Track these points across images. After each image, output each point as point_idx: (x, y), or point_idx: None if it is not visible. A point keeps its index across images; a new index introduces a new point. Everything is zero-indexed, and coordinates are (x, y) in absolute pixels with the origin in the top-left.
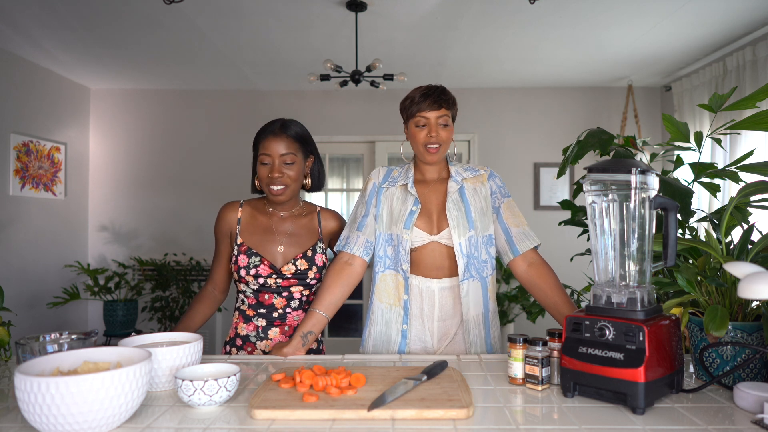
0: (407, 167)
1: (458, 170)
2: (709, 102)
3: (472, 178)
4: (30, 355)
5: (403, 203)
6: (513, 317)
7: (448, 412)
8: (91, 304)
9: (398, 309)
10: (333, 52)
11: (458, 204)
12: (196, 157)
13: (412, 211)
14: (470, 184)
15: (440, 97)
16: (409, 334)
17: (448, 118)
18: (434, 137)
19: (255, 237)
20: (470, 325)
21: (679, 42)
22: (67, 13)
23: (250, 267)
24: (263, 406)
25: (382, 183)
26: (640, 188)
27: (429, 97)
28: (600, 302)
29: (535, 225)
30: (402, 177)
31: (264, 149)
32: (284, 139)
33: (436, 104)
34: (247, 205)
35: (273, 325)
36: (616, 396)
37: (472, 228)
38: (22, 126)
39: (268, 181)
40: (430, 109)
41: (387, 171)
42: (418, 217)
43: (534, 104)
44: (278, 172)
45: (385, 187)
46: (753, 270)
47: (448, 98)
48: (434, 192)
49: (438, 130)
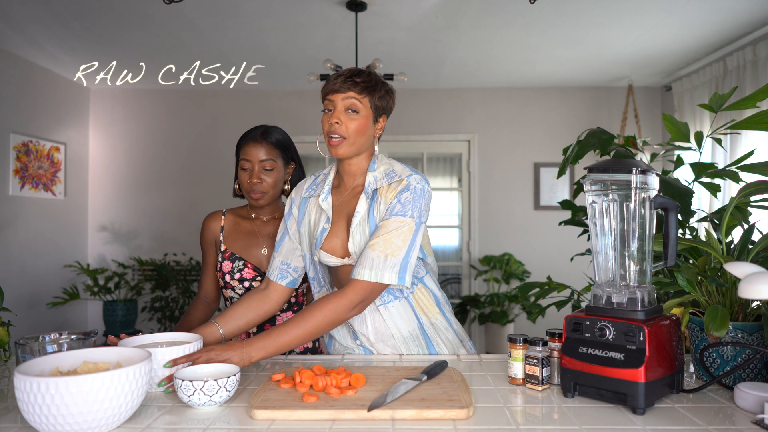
0: (329, 169)
1: (376, 177)
2: (709, 102)
3: (386, 188)
4: (29, 355)
5: (318, 218)
6: (513, 317)
7: (448, 412)
8: (90, 304)
9: (347, 325)
10: (333, 52)
11: (363, 225)
12: (196, 156)
13: (323, 229)
14: (383, 196)
15: (352, 78)
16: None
17: (360, 105)
18: (335, 125)
19: (239, 242)
20: (409, 342)
21: (679, 42)
22: (66, 13)
23: (234, 271)
24: (263, 406)
25: (304, 194)
26: (641, 188)
27: (339, 77)
28: (600, 302)
29: (535, 225)
30: (320, 184)
31: (244, 155)
32: (264, 145)
33: (345, 85)
34: (230, 214)
35: (264, 329)
36: (617, 396)
37: None
38: (21, 126)
39: (247, 186)
40: (336, 91)
41: (312, 180)
42: (329, 237)
43: (534, 104)
44: (257, 177)
45: (307, 198)
46: (753, 270)
47: (362, 80)
48: (347, 205)
49: (341, 117)
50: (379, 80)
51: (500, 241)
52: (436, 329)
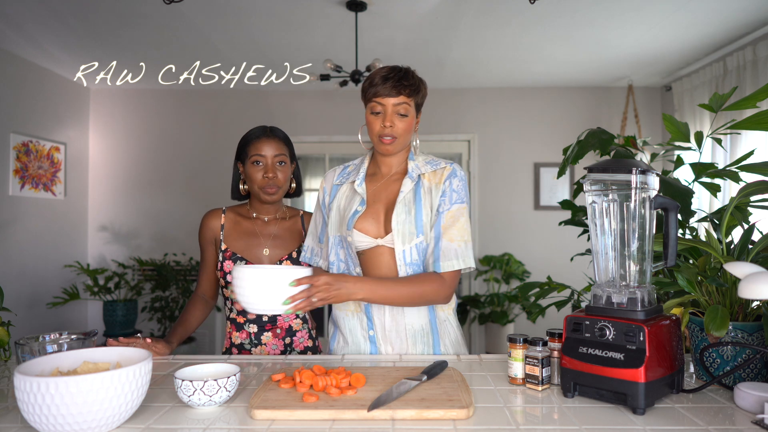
0: (361, 159)
1: (417, 164)
2: (709, 102)
3: (431, 174)
4: (30, 355)
5: (350, 202)
6: (513, 317)
7: (448, 412)
8: (90, 304)
9: (360, 314)
10: (333, 52)
11: (409, 206)
12: (196, 156)
13: (356, 211)
14: (428, 181)
15: (401, 81)
16: (378, 340)
17: (408, 107)
18: (389, 128)
19: (240, 242)
20: (417, 338)
21: (679, 42)
22: (66, 13)
23: None
24: (263, 406)
25: (335, 182)
26: (641, 188)
27: (388, 81)
28: (600, 302)
29: (535, 225)
30: (354, 172)
31: (257, 150)
32: (276, 140)
33: (395, 90)
34: (230, 212)
35: (265, 329)
36: (617, 396)
37: (420, 233)
38: (21, 126)
39: (262, 182)
40: (387, 95)
41: (342, 168)
42: (363, 218)
43: (534, 104)
44: (272, 172)
45: (338, 185)
46: (753, 270)
47: (411, 83)
48: (386, 190)
49: (394, 120)
50: (420, 79)
51: (500, 241)
52: (444, 327)
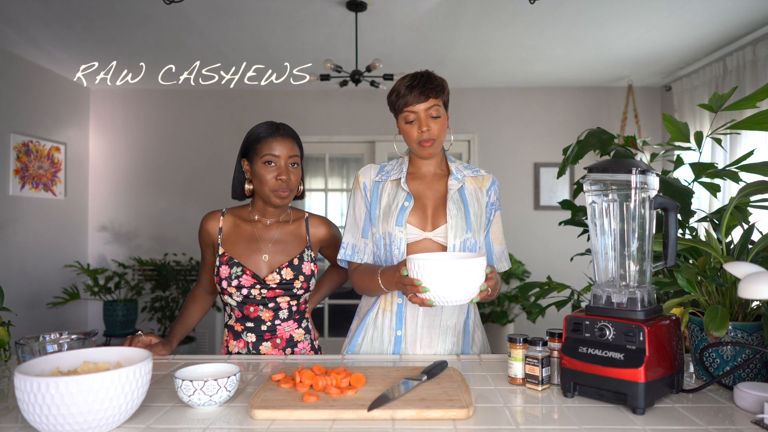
0: (401, 161)
1: (459, 167)
2: (709, 102)
3: (472, 179)
4: (30, 355)
5: (395, 199)
6: (513, 317)
7: (448, 412)
8: (90, 304)
9: (389, 314)
10: (333, 52)
11: (458, 203)
12: (196, 156)
13: (404, 206)
14: (470, 185)
15: (426, 86)
16: (404, 340)
17: (439, 108)
18: (426, 132)
19: (238, 246)
20: (448, 336)
21: (679, 42)
22: (67, 13)
23: (231, 278)
24: (263, 406)
25: (374, 178)
26: (641, 188)
27: (414, 89)
28: (600, 302)
29: (535, 225)
30: (395, 171)
31: (270, 149)
32: (290, 140)
33: (423, 95)
34: (229, 214)
35: (263, 339)
36: (616, 396)
37: (469, 230)
38: (21, 126)
39: (274, 184)
40: (417, 102)
41: (380, 167)
42: (411, 214)
43: (534, 104)
44: (286, 174)
45: (379, 182)
46: (753, 270)
47: (435, 85)
48: (430, 188)
49: (429, 123)
50: (442, 79)
51: None
52: (477, 325)
